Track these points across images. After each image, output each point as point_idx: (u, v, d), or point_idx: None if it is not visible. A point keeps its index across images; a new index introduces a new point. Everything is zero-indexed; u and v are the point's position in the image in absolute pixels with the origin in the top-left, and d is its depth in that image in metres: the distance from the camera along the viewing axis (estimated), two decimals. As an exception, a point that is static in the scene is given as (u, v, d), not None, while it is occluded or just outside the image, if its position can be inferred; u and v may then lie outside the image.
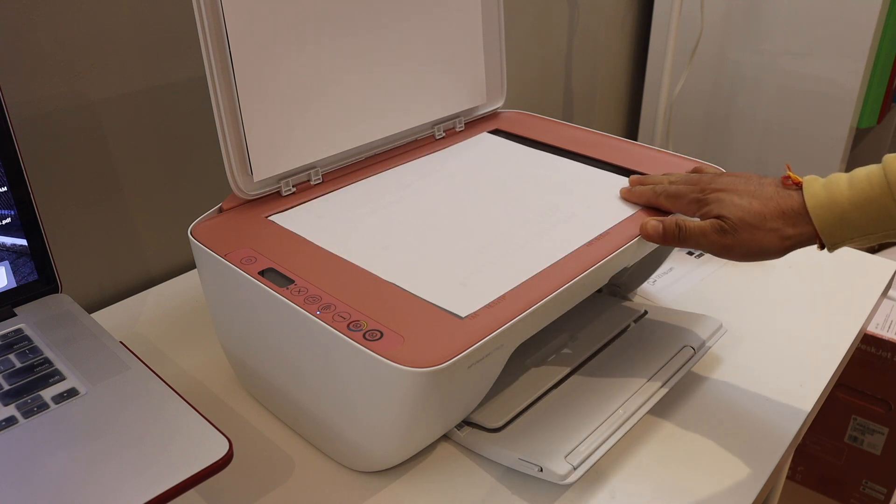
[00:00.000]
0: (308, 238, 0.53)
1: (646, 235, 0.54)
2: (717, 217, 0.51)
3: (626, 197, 0.58)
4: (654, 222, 0.54)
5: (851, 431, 1.16)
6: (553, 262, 0.50)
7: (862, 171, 0.49)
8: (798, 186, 0.51)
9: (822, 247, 0.50)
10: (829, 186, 0.49)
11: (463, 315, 0.45)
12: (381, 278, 0.48)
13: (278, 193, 0.59)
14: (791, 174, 0.51)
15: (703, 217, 0.53)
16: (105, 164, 0.70)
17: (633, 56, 1.47)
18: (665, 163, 0.64)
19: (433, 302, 0.46)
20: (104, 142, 0.69)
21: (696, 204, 0.53)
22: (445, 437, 0.54)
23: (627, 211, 0.57)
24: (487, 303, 0.46)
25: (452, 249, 0.52)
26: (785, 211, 0.50)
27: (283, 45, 0.56)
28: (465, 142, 0.69)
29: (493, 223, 0.55)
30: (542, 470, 0.48)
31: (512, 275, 0.49)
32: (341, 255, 0.51)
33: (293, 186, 0.59)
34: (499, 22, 0.72)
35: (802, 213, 0.49)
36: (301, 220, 0.55)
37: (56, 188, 0.67)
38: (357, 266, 0.50)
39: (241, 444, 0.54)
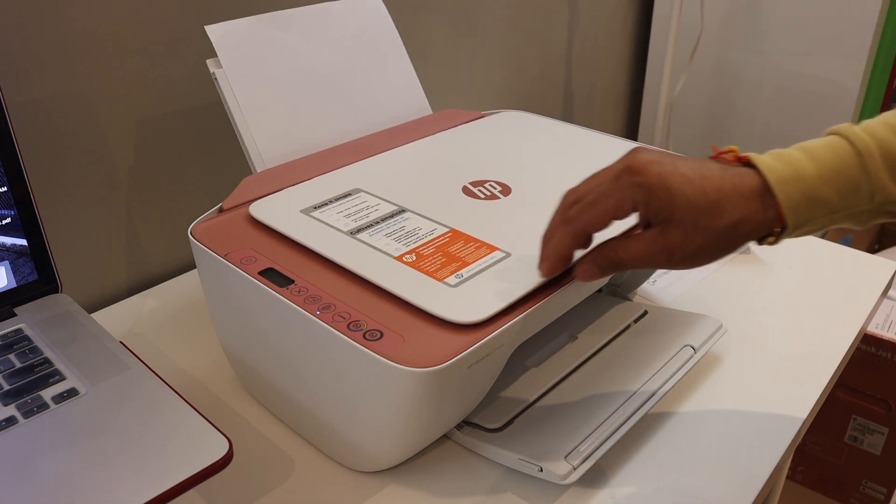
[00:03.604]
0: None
1: (584, 279, 0.46)
2: (662, 210, 0.41)
3: (548, 270, 0.46)
4: (584, 268, 0.46)
5: (851, 431, 1.16)
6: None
7: (818, 143, 0.42)
8: (743, 162, 0.43)
9: (777, 234, 0.43)
10: (784, 160, 0.42)
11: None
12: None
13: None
14: (727, 149, 0.44)
15: (647, 211, 0.43)
16: (105, 164, 0.70)
17: (633, 56, 1.47)
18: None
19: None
20: (104, 142, 0.69)
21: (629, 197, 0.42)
22: (445, 437, 0.54)
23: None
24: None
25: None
26: (743, 192, 0.41)
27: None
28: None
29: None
30: (542, 470, 0.48)
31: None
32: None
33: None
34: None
35: (763, 194, 0.41)
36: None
37: (56, 188, 0.67)
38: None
39: (241, 444, 0.54)
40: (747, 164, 0.43)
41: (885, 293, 0.73)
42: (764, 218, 0.42)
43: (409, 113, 0.74)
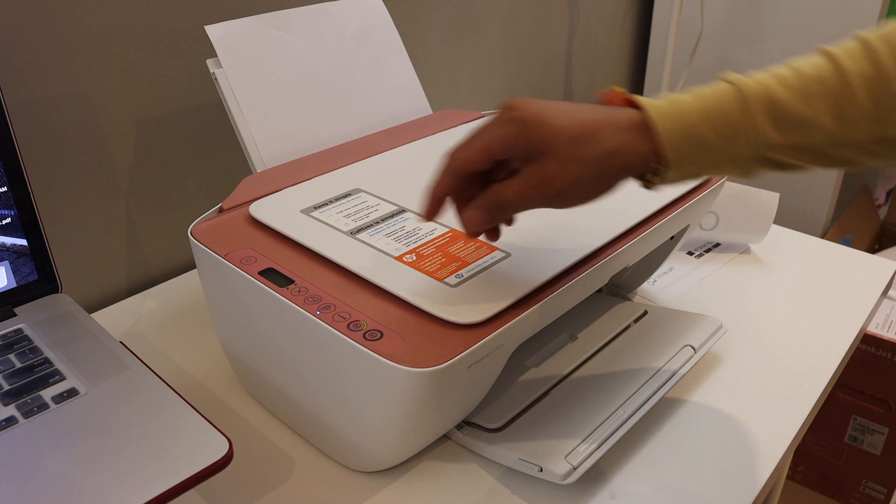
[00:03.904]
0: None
1: (472, 234, 0.46)
2: (535, 146, 0.41)
3: (427, 212, 0.46)
4: (468, 214, 0.44)
5: (851, 431, 1.16)
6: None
7: (704, 87, 0.42)
8: (628, 103, 0.43)
9: (657, 174, 0.42)
10: (668, 99, 0.42)
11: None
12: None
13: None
14: (610, 90, 0.44)
15: (523, 146, 0.42)
16: (105, 164, 0.70)
17: (633, 56, 1.47)
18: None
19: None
20: (104, 142, 0.69)
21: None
22: (445, 437, 0.54)
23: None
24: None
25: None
26: (620, 124, 0.41)
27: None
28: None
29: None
30: (542, 470, 0.48)
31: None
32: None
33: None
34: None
35: (642, 127, 0.41)
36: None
37: (56, 188, 0.67)
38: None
39: (241, 444, 0.54)
40: (633, 104, 0.43)
41: (885, 293, 0.73)
42: (641, 150, 0.41)
43: (409, 113, 0.74)
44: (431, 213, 0.46)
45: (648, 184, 0.43)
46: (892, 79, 0.39)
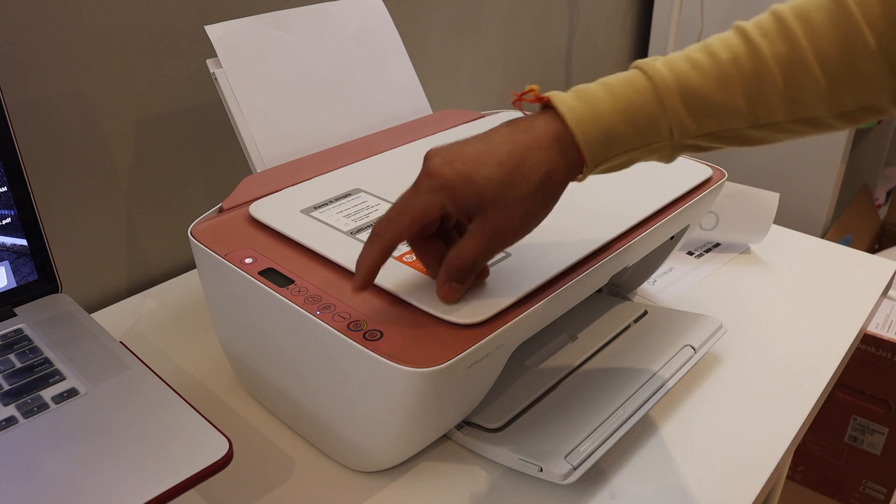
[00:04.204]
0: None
1: (450, 300, 0.45)
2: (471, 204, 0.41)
3: (357, 287, 0.44)
4: (443, 290, 0.44)
5: (851, 431, 1.16)
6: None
7: (615, 79, 0.42)
8: (544, 102, 0.42)
9: (581, 172, 0.42)
10: (583, 97, 0.41)
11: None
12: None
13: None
14: (528, 88, 0.43)
15: (457, 207, 0.42)
16: (105, 164, 0.70)
17: (633, 56, 1.47)
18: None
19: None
20: (104, 142, 0.69)
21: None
22: (445, 437, 0.54)
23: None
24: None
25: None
26: (541, 144, 0.41)
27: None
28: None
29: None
30: (542, 470, 0.48)
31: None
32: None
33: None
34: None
35: (562, 137, 0.41)
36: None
37: (56, 188, 0.67)
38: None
39: (241, 444, 0.54)
40: (548, 103, 0.42)
41: (885, 293, 0.73)
42: (568, 161, 0.41)
43: (409, 113, 0.74)
44: (360, 286, 0.44)
45: (575, 179, 0.44)
46: (805, 57, 0.39)
